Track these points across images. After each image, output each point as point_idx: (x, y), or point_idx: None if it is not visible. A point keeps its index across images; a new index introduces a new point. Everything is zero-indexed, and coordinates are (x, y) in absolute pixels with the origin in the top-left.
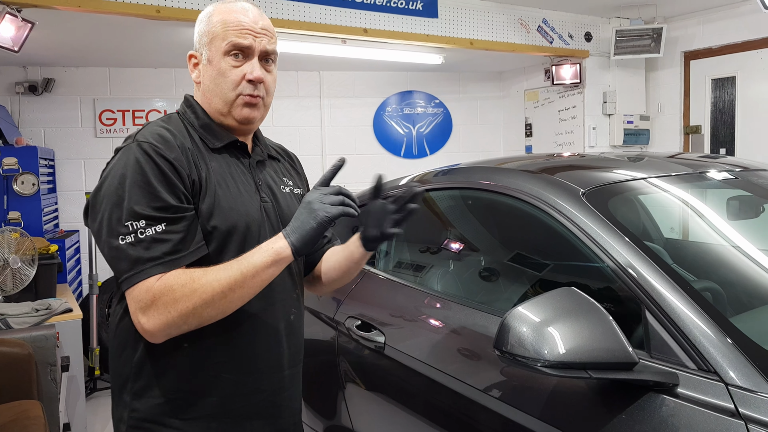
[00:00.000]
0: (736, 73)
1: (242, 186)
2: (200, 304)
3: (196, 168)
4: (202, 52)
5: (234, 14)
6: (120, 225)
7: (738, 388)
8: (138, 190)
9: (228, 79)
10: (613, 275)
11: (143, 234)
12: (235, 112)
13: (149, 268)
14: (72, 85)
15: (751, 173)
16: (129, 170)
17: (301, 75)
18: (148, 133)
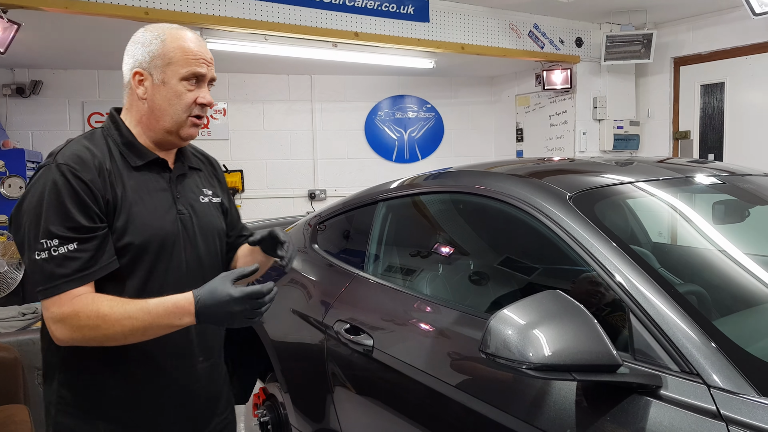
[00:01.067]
0: (724, 79)
1: (158, 201)
2: (101, 337)
3: (111, 188)
4: (152, 72)
5: (189, 43)
6: (36, 242)
7: (720, 390)
8: (53, 210)
9: (183, 101)
10: (599, 278)
11: (56, 252)
12: (183, 131)
13: (61, 284)
14: (60, 87)
15: (737, 178)
16: (47, 190)
17: (292, 79)
18: (68, 154)
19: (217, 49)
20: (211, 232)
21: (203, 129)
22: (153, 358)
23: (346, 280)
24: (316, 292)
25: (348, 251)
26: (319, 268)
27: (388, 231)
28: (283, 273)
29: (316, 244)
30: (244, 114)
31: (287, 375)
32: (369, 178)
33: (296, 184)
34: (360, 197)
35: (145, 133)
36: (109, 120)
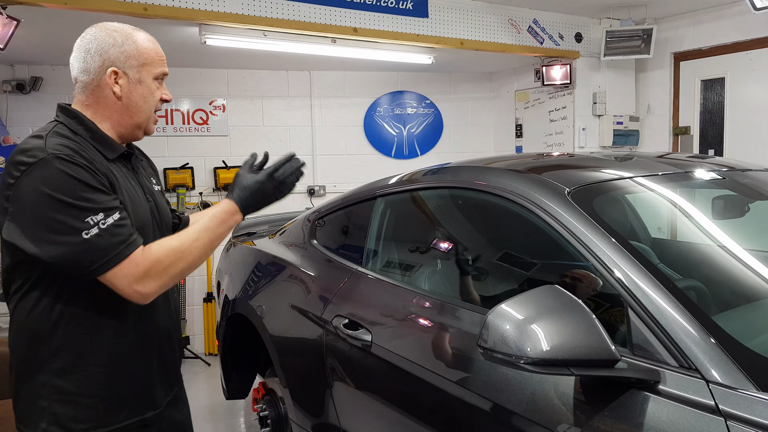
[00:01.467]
0: (725, 75)
1: (136, 190)
2: (182, 268)
3: (105, 175)
4: (128, 72)
5: (156, 45)
6: (79, 222)
7: (718, 385)
8: (82, 190)
9: (154, 99)
10: (597, 273)
11: (104, 224)
12: (149, 126)
13: (123, 249)
14: (60, 83)
15: (737, 173)
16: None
17: (291, 75)
18: (56, 147)
19: (215, 45)
20: (167, 218)
21: (203, 125)
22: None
23: (344, 276)
24: (315, 288)
25: (347, 247)
26: (318, 264)
27: (387, 226)
28: (283, 268)
29: (315, 239)
30: (243, 110)
31: (286, 370)
32: (368, 174)
33: None
34: (359, 193)
35: (114, 128)
36: (65, 116)
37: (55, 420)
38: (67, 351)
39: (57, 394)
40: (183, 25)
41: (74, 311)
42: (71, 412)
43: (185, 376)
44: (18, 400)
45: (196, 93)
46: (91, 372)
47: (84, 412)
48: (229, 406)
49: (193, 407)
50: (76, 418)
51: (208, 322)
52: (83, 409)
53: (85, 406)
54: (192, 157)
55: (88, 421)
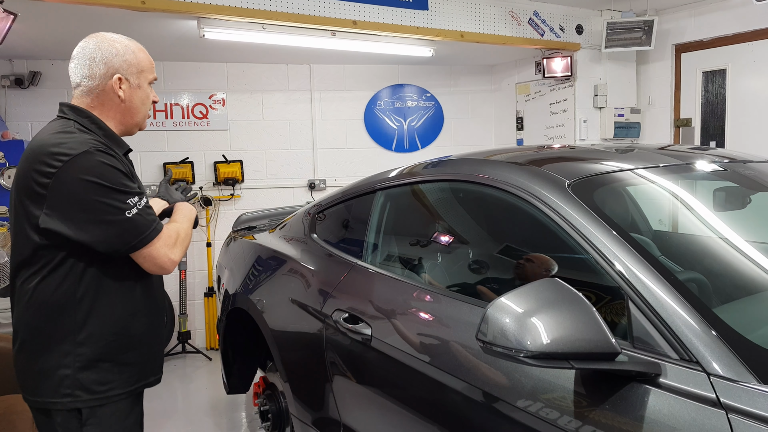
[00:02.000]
0: (726, 66)
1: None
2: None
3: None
4: (130, 78)
5: (147, 54)
6: (123, 203)
7: (720, 377)
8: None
9: (149, 100)
10: (598, 266)
11: (140, 205)
12: (143, 124)
13: (157, 225)
14: (59, 78)
15: (738, 164)
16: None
17: (291, 68)
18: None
19: (214, 38)
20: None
21: (202, 119)
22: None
23: (344, 270)
24: (315, 282)
25: (347, 240)
26: (318, 258)
27: (387, 220)
28: (283, 263)
29: (315, 233)
30: (243, 104)
31: (287, 364)
32: (369, 167)
33: (296, 174)
34: (358, 186)
35: (117, 126)
36: (77, 115)
37: (79, 384)
38: (91, 322)
39: (81, 361)
40: (181, 18)
41: (96, 288)
42: (93, 375)
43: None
44: (32, 374)
45: (196, 87)
46: (109, 340)
47: (104, 375)
48: (231, 401)
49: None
50: (97, 381)
51: (209, 317)
52: (104, 372)
53: (105, 370)
54: (192, 151)
55: (107, 383)
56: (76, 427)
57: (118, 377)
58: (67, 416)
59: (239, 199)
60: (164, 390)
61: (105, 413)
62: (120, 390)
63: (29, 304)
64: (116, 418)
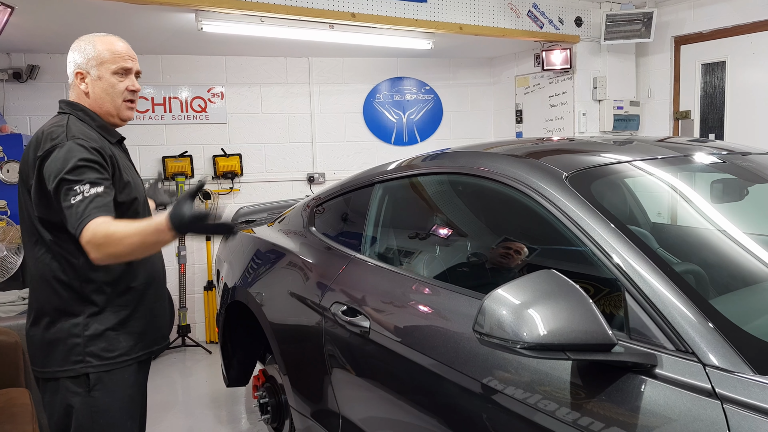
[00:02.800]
0: (726, 58)
1: (133, 170)
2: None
3: (112, 157)
4: (90, 71)
5: (115, 45)
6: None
7: (715, 368)
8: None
9: (117, 89)
10: (595, 258)
11: (87, 193)
12: (122, 113)
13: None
14: (57, 72)
15: (737, 156)
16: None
17: (290, 61)
18: (77, 133)
19: (212, 31)
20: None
21: (201, 113)
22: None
23: (343, 263)
24: (314, 275)
25: (345, 233)
26: (317, 251)
27: (385, 213)
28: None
29: (314, 226)
30: (242, 97)
31: (286, 357)
32: (368, 161)
33: (295, 167)
34: (357, 179)
35: (103, 117)
36: (72, 108)
37: (90, 351)
38: (98, 296)
39: (91, 331)
40: (179, 11)
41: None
42: (102, 343)
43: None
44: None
45: (194, 81)
46: (116, 311)
47: (112, 343)
48: (230, 394)
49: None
50: (106, 348)
51: (209, 310)
52: (112, 340)
53: (112, 338)
54: (190, 145)
55: (115, 350)
56: (85, 392)
57: (125, 344)
58: (76, 382)
59: (238, 193)
60: (164, 383)
61: (112, 379)
62: (126, 356)
63: (40, 280)
64: (122, 383)
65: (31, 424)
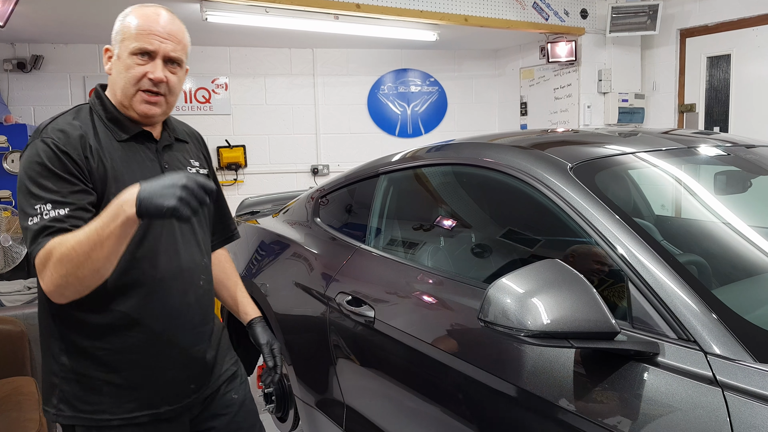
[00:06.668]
0: (731, 51)
1: (147, 170)
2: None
3: (99, 160)
4: (114, 47)
5: (146, 18)
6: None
7: (716, 356)
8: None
9: (130, 74)
10: (599, 248)
11: (47, 215)
12: (135, 105)
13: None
14: (61, 62)
15: (741, 149)
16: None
17: (294, 52)
18: (52, 129)
19: (217, 21)
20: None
21: (205, 104)
22: (150, 322)
23: (347, 253)
24: (318, 265)
25: (350, 224)
26: (321, 242)
27: (390, 204)
28: (287, 247)
29: (318, 217)
30: (246, 88)
31: (290, 347)
32: (372, 152)
33: (299, 159)
34: (362, 170)
35: (122, 108)
36: (94, 96)
37: (63, 397)
38: (74, 330)
39: (64, 372)
40: (184, 1)
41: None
42: (78, 391)
43: None
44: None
45: (198, 71)
46: (97, 354)
47: (89, 394)
48: None
49: None
50: (81, 398)
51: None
52: (88, 391)
53: (89, 387)
54: None
55: (93, 404)
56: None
57: (107, 400)
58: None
59: (242, 184)
60: None
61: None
62: (109, 415)
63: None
64: None
65: (37, 412)
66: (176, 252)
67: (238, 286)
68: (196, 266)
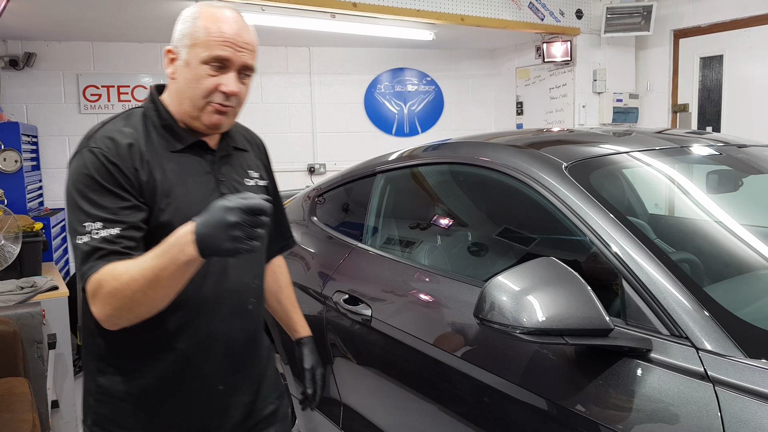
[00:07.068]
0: (724, 52)
1: (201, 184)
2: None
3: (149, 172)
4: (180, 51)
5: (219, 24)
6: (79, 226)
7: (708, 352)
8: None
9: (202, 86)
10: (593, 246)
11: (97, 234)
12: (204, 117)
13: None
14: (54, 59)
15: (732, 148)
16: (81, 175)
17: (290, 51)
18: (101, 137)
19: None
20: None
21: None
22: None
23: (344, 252)
24: (315, 264)
25: (347, 223)
26: (318, 240)
27: (387, 203)
28: None
29: (315, 216)
30: None
31: (287, 346)
32: (368, 152)
33: (295, 158)
34: (358, 169)
35: (177, 114)
36: (149, 100)
37: (97, 420)
38: (112, 350)
39: (99, 393)
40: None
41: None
42: (111, 414)
43: None
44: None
45: None
46: (133, 376)
47: (121, 418)
48: None
49: None
50: (114, 422)
51: None
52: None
53: (122, 411)
54: None
55: (125, 428)
56: None
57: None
58: None
59: None
60: None
61: None
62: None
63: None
64: None
65: (30, 413)
66: (225, 273)
67: (291, 299)
68: (245, 288)
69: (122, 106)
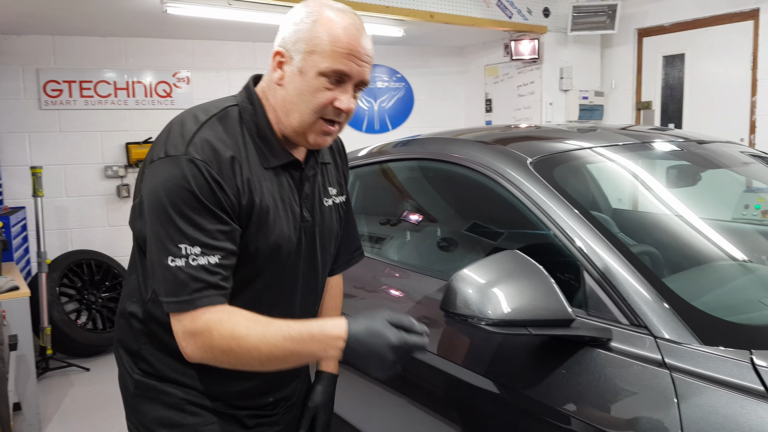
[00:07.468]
0: (685, 51)
1: (288, 206)
2: (233, 361)
3: (249, 191)
4: (294, 56)
5: (344, 32)
6: (172, 245)
7: (665, 340)
8: (191, 213)
9: (316, 99)
10: (556, 239)
11: (195, 261)
12: (310, 136)
13: (197, 299)
14: (13, 54)
15: (692, 144)
16: (181, 187)
17: (258, 46)
18: (201, 146)
19: (178, 14)
20: (328, 239)
21: (166, 98)
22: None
23: None
24: None
25: None
26: None
27: (357, 199)
28: None
29: None
30: (209, 82)
31: None
32: None
33: None
34: None
35: (276, 125)
36: (245, 98)
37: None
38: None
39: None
40: None
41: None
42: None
43: None
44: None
45: (159, 65)
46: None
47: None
48: None
49: None
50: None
51: None
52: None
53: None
54: (155, 131)
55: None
56: None
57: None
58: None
59: None
60: None
61: None
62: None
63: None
64: None
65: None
66: (292, 303)
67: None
68: (306, 315)
69: (84, 102)
